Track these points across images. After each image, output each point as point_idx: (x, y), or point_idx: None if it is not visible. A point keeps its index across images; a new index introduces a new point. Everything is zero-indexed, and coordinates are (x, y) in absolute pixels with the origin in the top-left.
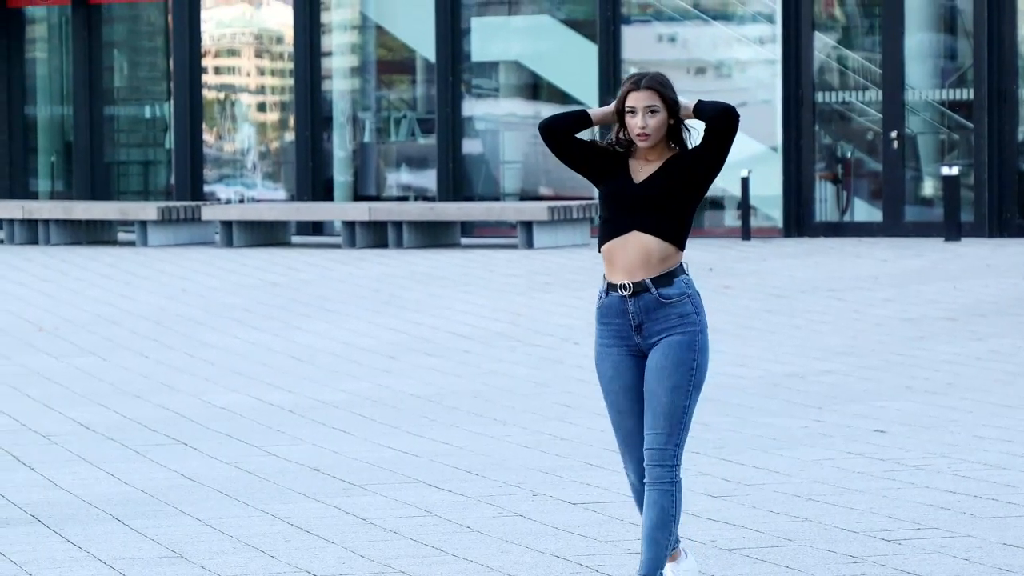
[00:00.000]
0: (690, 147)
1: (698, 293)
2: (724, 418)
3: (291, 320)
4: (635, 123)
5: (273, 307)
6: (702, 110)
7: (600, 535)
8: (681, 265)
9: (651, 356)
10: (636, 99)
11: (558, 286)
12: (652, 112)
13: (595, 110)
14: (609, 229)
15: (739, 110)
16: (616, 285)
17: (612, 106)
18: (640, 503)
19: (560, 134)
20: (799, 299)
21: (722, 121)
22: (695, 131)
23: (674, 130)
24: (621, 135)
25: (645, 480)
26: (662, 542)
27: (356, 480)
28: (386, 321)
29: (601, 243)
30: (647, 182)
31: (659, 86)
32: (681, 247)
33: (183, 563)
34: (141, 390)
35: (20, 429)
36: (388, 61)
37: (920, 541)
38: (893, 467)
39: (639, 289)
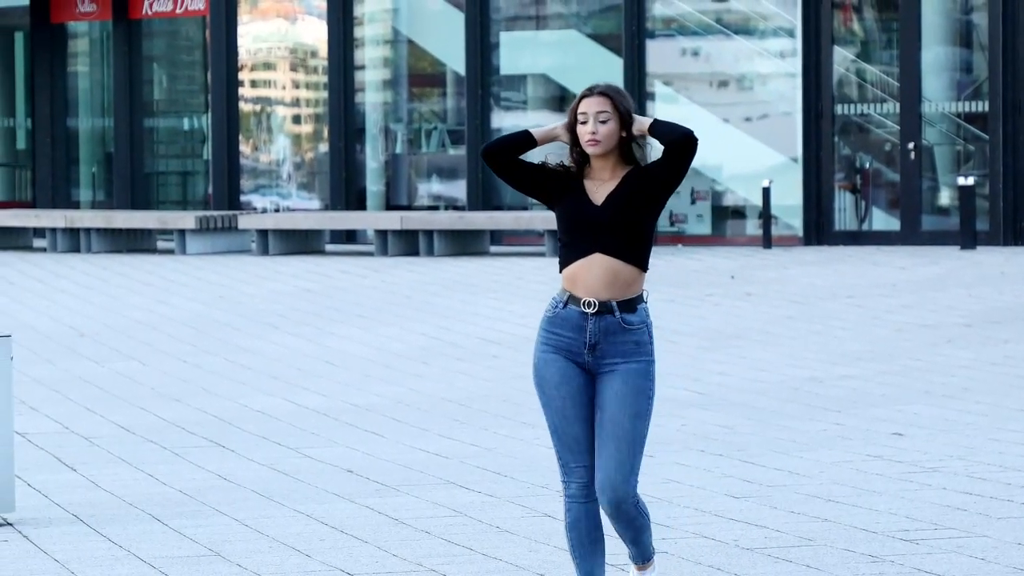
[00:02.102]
0: (643, 163)
1: (652, 323)
2: (746, 421)
3: (325, 326)
4: (586, 129)
5: (308, 313)
6: (659, 132)
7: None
8: (642, 294)
9: (607, 382)
10: (587, 105)
11: None
12: (603, 120)
13: (538, 130)
14: (571, 252)
15: (761, 121)
16: (580, 300)
17: (559, 124)
18: (583, 516)
19: (503, 157)
20: (819, 306)
21: (682, 146)
22: (649, 146)
23: (626, 144)
24: (575, 153)
25: (608, 512)
26: (645, 542)
27: (388, 481)
28: (417, 327)
29: (563, 266)
30: (607, 203)
31: (612, 93)
32: (645, 268)
33: (221, 562)
34: (180, 394)
35: (63, 432)
36: (419, 74)
37: (937, 541)
38: (911, 469)
39: (603, 310)
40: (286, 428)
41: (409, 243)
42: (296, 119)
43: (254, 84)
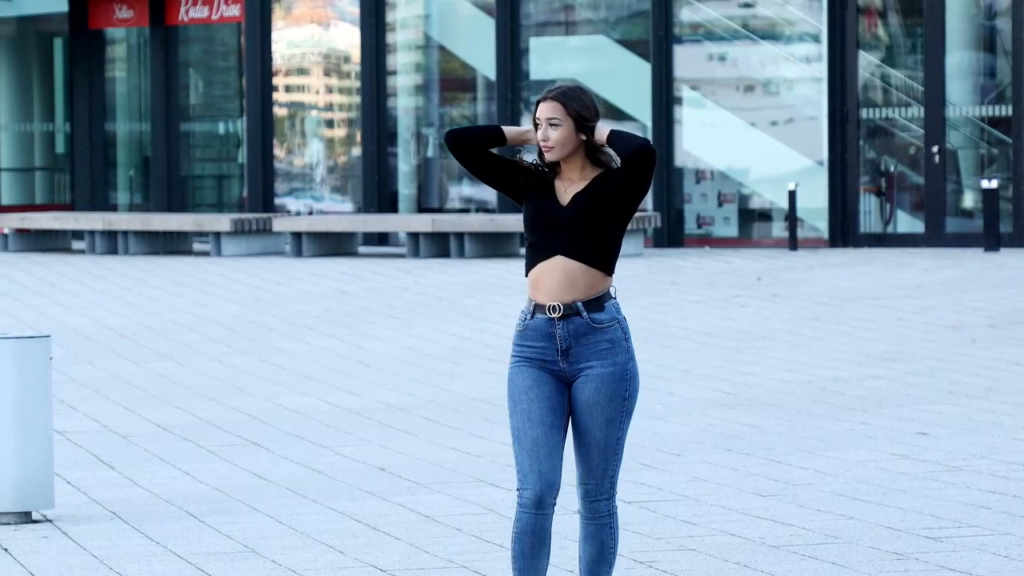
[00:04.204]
0: (612, 166)
1: (626, 319)
2: (773, 421)
3: (358, 327)
4: (539, 135)
5: (341, 314)
6: (616, 144)
7: (654, 532)
8: (609, 291)
9: (580, 390)
10: (540, 111)
11: None
12: (553, 125)
13: (510, 128)
14: (535, 253)
15: (787, 125)
16: (545, 307)
17: (531, 128)
18: (529, 529)
19: (469, 147)
20: (845, 307)
21: (636, 159)
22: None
23: (592, 148)
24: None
25: (580, 513)
26: None
27: (420, 479)
28: (449, 327)
29: (528, 268)
30: (572, 203)
31: (562, 98)
32: (609, 272)
33: (256, 558)
34: (216, 393)
35: (101, 430)
36: (450, 79)
37: (961, 539)
38: (935, 468)
39: (569, 312)
40: (320, 427)
41: (440, 245)
42: (329, 123)
43: (288, 89)
